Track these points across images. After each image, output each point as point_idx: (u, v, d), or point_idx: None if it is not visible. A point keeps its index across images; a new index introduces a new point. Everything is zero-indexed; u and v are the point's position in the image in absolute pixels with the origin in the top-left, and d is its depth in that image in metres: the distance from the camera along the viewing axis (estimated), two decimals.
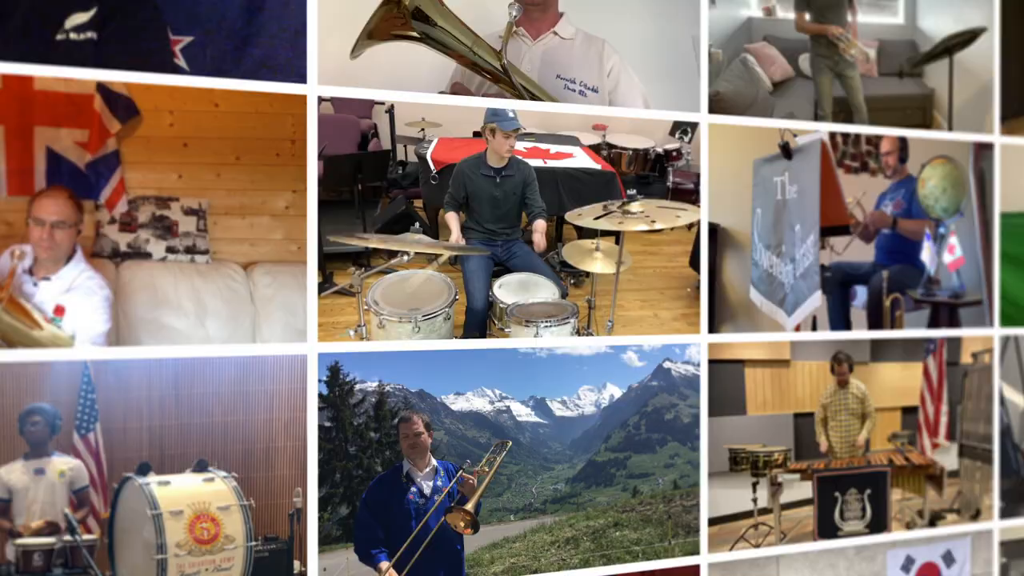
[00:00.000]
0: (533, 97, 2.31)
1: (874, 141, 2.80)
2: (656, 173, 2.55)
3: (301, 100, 2.19)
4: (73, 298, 2.02)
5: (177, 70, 2.10)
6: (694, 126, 2.56)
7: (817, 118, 2.75)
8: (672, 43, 2.55)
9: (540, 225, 2.36)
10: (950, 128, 2.89)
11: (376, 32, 2.14)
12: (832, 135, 2.73)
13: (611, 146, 2.47)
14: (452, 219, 2.31)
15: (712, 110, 2.58)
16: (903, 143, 2.83)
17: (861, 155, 2.78)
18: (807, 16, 2.79)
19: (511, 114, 2.35)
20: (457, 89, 2.28)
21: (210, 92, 2.12)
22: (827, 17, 2.81)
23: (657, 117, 2.53)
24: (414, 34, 2.17)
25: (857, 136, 2.77)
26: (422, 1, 2.23)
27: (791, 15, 2.69)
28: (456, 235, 2.30)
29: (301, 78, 2.19)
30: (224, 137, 2.14)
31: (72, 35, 1.98)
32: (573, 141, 2.43)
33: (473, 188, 2.34)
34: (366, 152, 2.25)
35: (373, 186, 2.25)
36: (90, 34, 1.99)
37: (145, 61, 2.05)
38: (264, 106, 2.16)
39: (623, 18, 2.51)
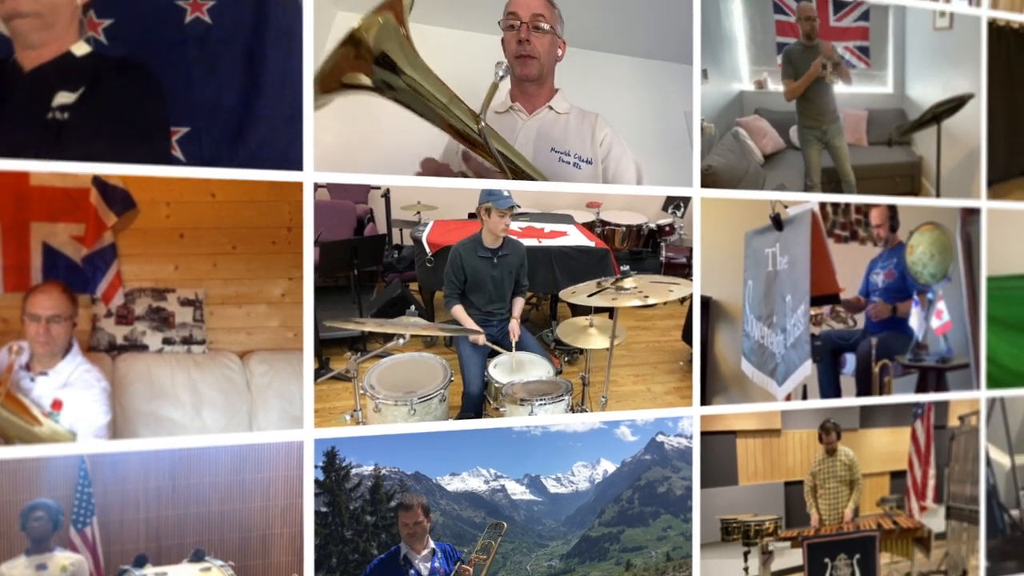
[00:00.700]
0: (511, 166, 2.34)
1: (863, 210, 2.87)
2: (649, 248, 2.60)
3: (297, 187, 2.22)
4: (71, 392, 2.05)
5: (174, 161, 2.13)
6: (687, 201, 2.62)
7: (807, 189, 2.81)
8: (665, 118, 2.61)
9: (518, 305, 2.43)
10: (938, 194, 2.97)
11: (326, 79, 2.14)
12: (822, 205, 2.80)
13: (605, 223, 2.53)
14: (460, 312, 2.37)
15: (704, 184, 2.64)
16: (893, 212, 2.90)
17: (850, 224, 2.85)
18: (793, 80, 2.85)
19: (506, 193, 2.40)
20: (428, 166, 2.30)
21: (207, 182, 2.15)
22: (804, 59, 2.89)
23: (650, 193, 2.58)
24: (368, 83, 2.17)
25: (847, 205, 2.83)
26: (389, 44, 2.24)
27: (781, 87, 2.75)
28: (470, 324, 2.35)
29: (297, 165, 2.22)
30: (220, 227, 2.17)
31: (58, 115, 2.01)
32: (567, 219, 2.48)
33: (471, 271, 2.39)
34: (362, 237, 2.29)
35: (369, 271, 2.29)
36: (66, 115, 2.01)
37: (141, 147, 2.06)
38: (260, 194, 2.19)
39: (617, 95, 2.57)
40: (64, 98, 1.96)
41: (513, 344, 2.35)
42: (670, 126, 2.60)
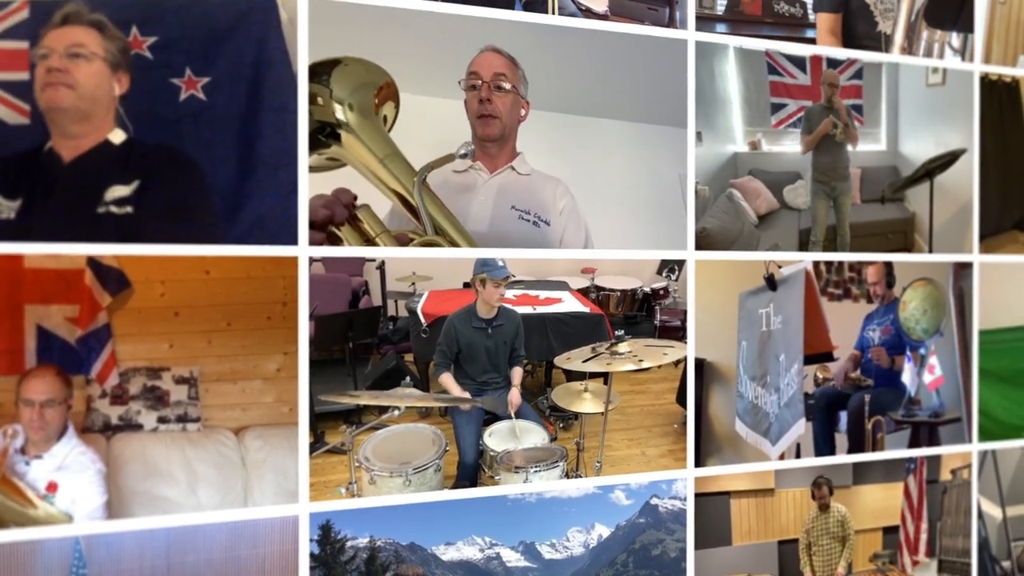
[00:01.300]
0: (436, 230, 2.33)
1: (857, 268, 2.90)
2: (644, 312, 2.63)
3: (292, 262, 2.24)
4: (66, 475, 2.06)
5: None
6: (681, 263, 2.65)
7: (810, 243, 2.85)
8: (659, 181, 2.64)
9: (516, 375, 2.45)
10: (930, 250, 3.00)
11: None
12: (816, 263, 2.83)
13: (600, 288, 2.56)
14: (448, 380, 2.39)
15: (699, 247, 2.67)
16: (889, 269, 2.94)
17: (844, 282, 2.89)
18: (808, 135, 2.90)
19: (500, 263, 2.42)
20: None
21: (201, 260, 2.17)
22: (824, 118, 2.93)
23: (644, 257, 2.61)
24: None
25: (840, 263, 2.87)
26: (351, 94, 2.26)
27: (776, 148, 2.79)
28: (459, 392, 2.37)
29: (292, 240, 2.24)
30: (215, 304, 2.19)
31: (113, 208, 2.03)
32: (562, 286, 2.51)
33: (466, 341, 2.41)
34: (357, 310, 2.31)
35: (364, 343, 2.31)
36: (128, 208, 2.03)
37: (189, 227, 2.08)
38: (255, 270, 2.21)
39: (610, 159, 2.60)
40: (119, 191, 1.98)
41: (513, 414, 2.38)
42: (664, 189, 2.63)
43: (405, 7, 2.31)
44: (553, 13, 2.50)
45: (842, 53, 2.84)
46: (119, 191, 2.03)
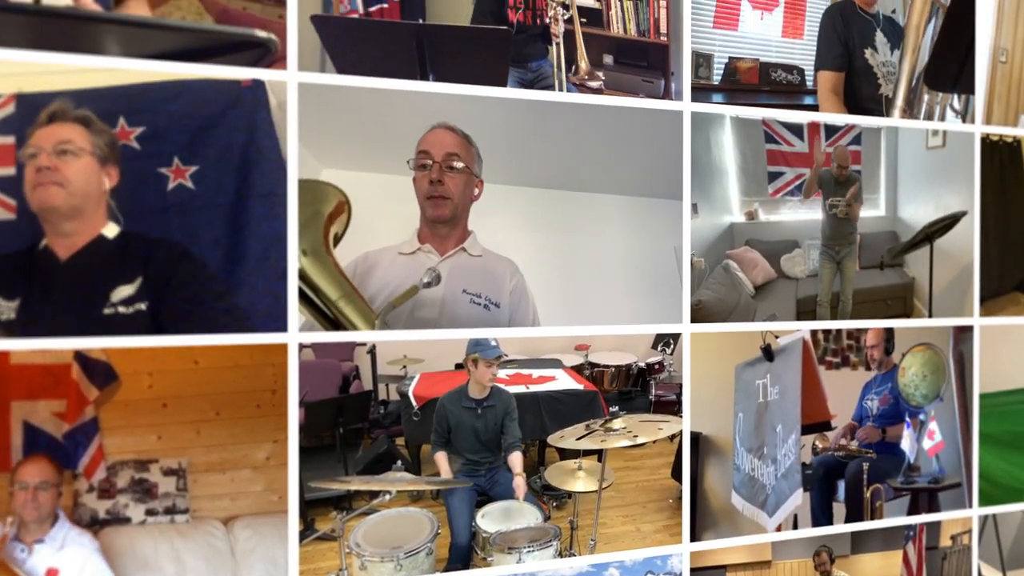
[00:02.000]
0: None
1: (856, 335, 2.89)
2: (639, 387, 2.63)
3: (282, 349, 2.24)
4: (65, 556, 2.07)
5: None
6: (676, 337, 2.64)
7: (817, 306, 2.84)
8: (654, 255, 2.63)
9: (517, 461, 2.44)
10: (930, 314, 2.99)
11: None
12: (813, 332, 2.82)
13: (594, 365, 2.55)
14: (441, 458, 2.38)
15: (694, 319, 2.66)
16: (888, 334, 2.93)
17: (842, 350, 2.88)
18: (816, 186, 2.89)
19: (493, 342, 2.42)
20: None
21: (190, 350, 2.16)
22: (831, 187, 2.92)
23: (639, 332, 2.60)
24: None
25: (839, 331, 2.86)
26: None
27: (773, 217, 2.78)
28: (447, 473, 2.37)
29: (282, 327, 2.24)
30: (204, 394, 2.19)
31: (121, 308, 2.03)
32: (556, 364, 2.51)
33: (456, 422, 2.41)
34: (347, 395, 2.31)
35: (355, 428, 2.31)
36: (140, 305, 2.03)
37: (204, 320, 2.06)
38: (244, 358, 2.21)
39: (604, 234, 2.59)
40: (125, 291, 1.98)
41: (521, 498, 2.37)
42: (659, 262, 2.63)
43: (393, 88, 2.31)
44: (562, 90, 2.49)
45: (839, 119, 2.84)
46: (124, 291, 2.03)
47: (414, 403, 2.35)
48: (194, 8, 2.15)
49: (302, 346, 2.23)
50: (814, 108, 2.81)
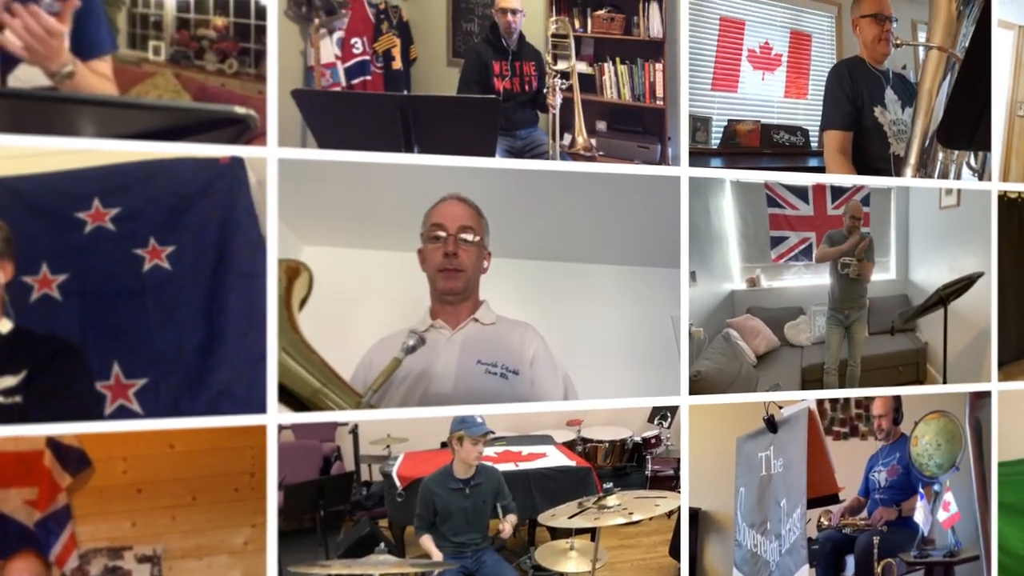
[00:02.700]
0: None
1: (864, 404, 2.79)
2: (634, 463, 2.55)
3: (260, 431, 2.20)
4: None
5: (130, 414, 2.11)
6: (674, 410, 2.56)
7: (824, 373, 2.75)
8: (650, 325, 2.56)
9: (510, 520, 2.38)
10: (945, 381, 2.89)
11: None
12: (820, 401, 2.73)
13: (586, 440, 2.48)
14: (427, 541, 2.33)
15: (693, 391, 2.58)
16: (897, 403, 2.83)
17: (850, 419, 2.78)
18: (828, 247, 2.81)
19: (479, 419, 2.36)
20: None
21: (165, 433, 2.13)
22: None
23: (635, 405, 2.53)
24: None
25: (847, 400, 2.77)
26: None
27: (776, 283, 2.70)
28: (437, 556, 2.31)
29: (261, 408, 2.20)
30: (180, 478, 2.16)
31: (2, 398, 2.01)
32: (546, 440, 2.44)
33: (442, 504, 2.35)
34: (329, 476, 2.26)
35: (336, 510, 2.26)
36: (17, 398, 2.01)
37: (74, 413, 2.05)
38: (222, 441, 2.17)
39: (599, 305, 2.52)
40: (8, 382, 1.96)
41: (505, 536, 2.31)
42: (656, 333, 2.56)
43: (377, 161, 2.27)
44: (554, 158, 2.44)
45: (846, 180, 2.75)
46: (6, 381, 2.01)
47: (398, 484, 2.30)
48: (171, 86, 2.12)
49: (281, 427, 2.18)
50: (819, 170, 2.73)
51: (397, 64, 2.28)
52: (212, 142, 2.17)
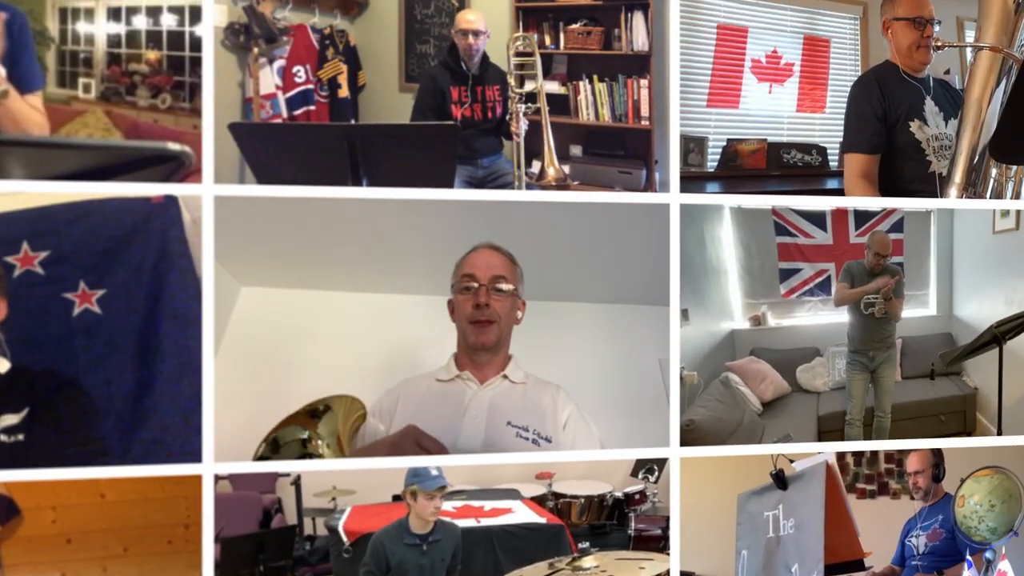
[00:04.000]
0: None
1: (897, 458, 2.48)
2: (614, 521, 2.34)
3: (195, 480, 2.12)
4: None
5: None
6: (661, 463, 2.34)
7: (846, 424, 2.46)
8: (636, 369, 2.35)
9: None
10: (1000, 432, 2.53)
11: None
12: (840, 455, 2.44)
13: (559, 495, 2.29)
14: None
15: (685, 442, 2.35)
16: (938, 458, 2.50)
17: (879, 476, 2.47)
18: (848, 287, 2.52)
19: (434, 471, 2.21)
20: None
21: (96, 483, 2.09)
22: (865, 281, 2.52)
23: (615, 457, 2.32)
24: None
25: (874, 453, 2.46)
26: None
27: (787, 321, 2.42)
28: None
29: (196, 457, 2.12)
30: (111, 529, 2.11)
31: (4, 437, 2.00)
32: (512, 495, 2.27)
33: (396, 560, 2.22)
34: (269, 530, 2.17)
35: (277, 566, 2.16)
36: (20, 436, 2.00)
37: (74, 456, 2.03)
38: (155, 491, 2.11)
39: (579, 346, 2.33)
40: (9, 420, 1.95)
41: None
42: (642, 377, 2.34)
43: (321, 196, 2.16)
44: (520, 188, 2.27)
45: (875, 203, 2.44)
46: (8, 420, 1.99)
47: (345, 539, 2.18)
48: (102, 124, 2.08)
49: (218, 477, 2.10)
50: (840, 192, 2.43)
51: (344, 92, 2.16)
52: (145, 180, 2.11)
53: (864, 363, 2.41)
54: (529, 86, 2.24)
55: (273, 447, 1.97)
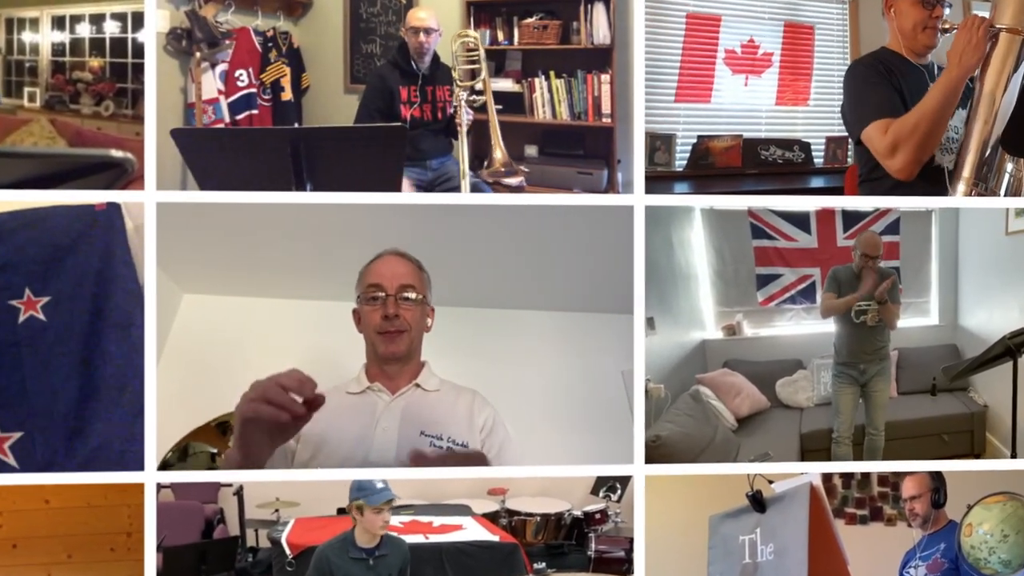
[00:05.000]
0: None
1: (892, 481, 2.34)
2: (573, 541, 2.30)
3: (138, 489, 2.20)
4: None
5: (5, 468, 2.16)
6: (625, 481, 2.27)
7: (833, 442, 2.35)
8: (598, 381, 2.32)
9: None
10: (1014, 454, 2.36)
11: None
12: (827, 476, 2.32)
13: (512, 513, 2.28)
14: None
15: (651, 459, 2.29)
16: (937, 482, 2.34)
17: (871, 500, 2.36)
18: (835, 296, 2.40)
19: (380, 485, 2.21)
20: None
21: (40, 488, 2.18)
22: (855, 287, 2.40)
23: (575, 474, 2.28)
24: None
25: (865, 476, 2.33)
26: None
27: (765, 331, 2.32)
28: None
29: (139, 465, 2.17)
30: (55, 535, 2.22)
31: None
32: (463, 510, 2.28)
33: (342, 575, 2.21)
34: (211, 540, 2.23)
35: None
36: None
37: None
38: (98, 498, 2.20)
39: (534, 357, 2.32)
40: None
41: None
42: (604, 390, 2.33)
43: (263, 202, 2.18)
44: (465, 187, 2.25)
45: (866, 202, 2.32)
46: None
47: (288, 552, 2.23)
48: (47, 132, 2.17)
49: (160, 486, 2.16)
50: (826, 191, 2.31)
51: (287, 95, 2.20)
52: (89, 188, 2.18)
53: (854, 376, 2.31)
54: (478, 82, 2.21)
55: (181, 455, 1.99)
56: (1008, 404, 2.51)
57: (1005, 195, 2.46)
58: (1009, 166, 2.48)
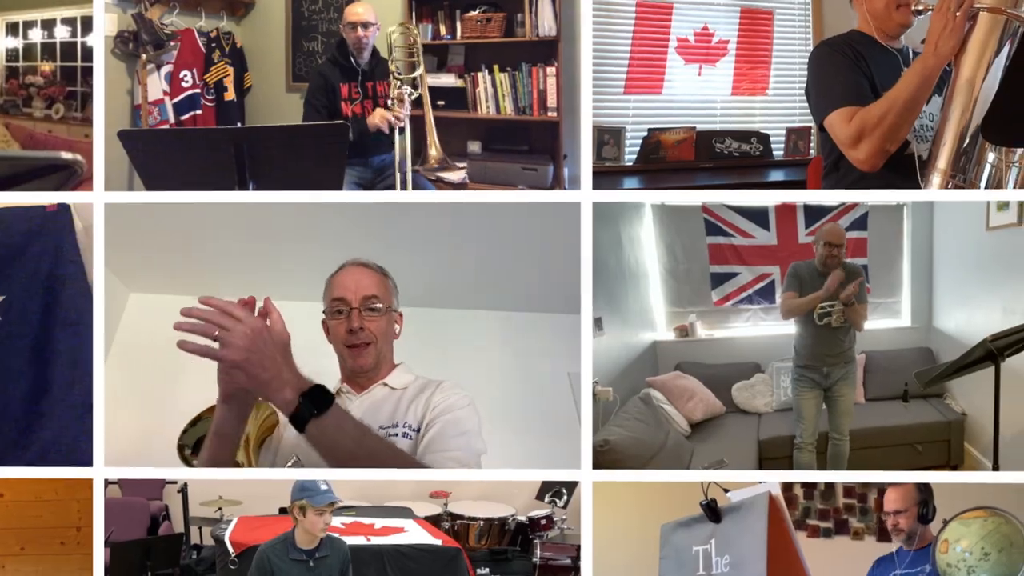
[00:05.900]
0: None
1: (859, 492, 2.28)
2: (517, 547, 2.31)
3: (87, 484, 2.30)
4: None
5: None
6: (571, 486, 2.27)
7: (795, 448, 2.30)
8: (541, 383, 2.35)
9: None
10: (995, 466, 2.27)
11: None
12: (787, 486, 2.27)
13: (455, 516, 2.31)
14: None
15: (599, 464, 2.30)
16: (925, 494, 2.25)
17: (835, 511, 2.30)
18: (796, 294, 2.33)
19: (323, 486, 2.28)
20: None
21: None
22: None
23: (519, 478, 2.29)
24: None
25: (829, 486, 2.27)
26: None
27: (720, 333, 2.29)
28: None
29: (87, 461, 2.27)
30: (9, 528, 2.36)
31: None
32: (405, 513, 2.33)
33: None
34: (156, 536, 2.34)
35: (165, 574, 2.29)
36: None
37: None
38: (49, 493, 2.33)
39: (476, 358, 2.35)
40: None
41: None
42: (550, 393, 2.34)
43: (206, 201, 2.26)
44: (404, 187, 2.28)
45: (830, 196, 2.26)
46: None
47: (231, 550, 2.33)
48: (1, 137, 2.27)
49: (108, 482, 2.25)
50: (786, 185, 2.27)
51: (230, 95, 2.29)
52: (40, 189, 2.29)
53: (816, 380, 2.28)
54: (415, 73, 2.23)
55: (193, 423, 2.05)
56: (989, 412, 2.40)
57: (985, 187, 2.35)
58: (990, 156, 2.37)
